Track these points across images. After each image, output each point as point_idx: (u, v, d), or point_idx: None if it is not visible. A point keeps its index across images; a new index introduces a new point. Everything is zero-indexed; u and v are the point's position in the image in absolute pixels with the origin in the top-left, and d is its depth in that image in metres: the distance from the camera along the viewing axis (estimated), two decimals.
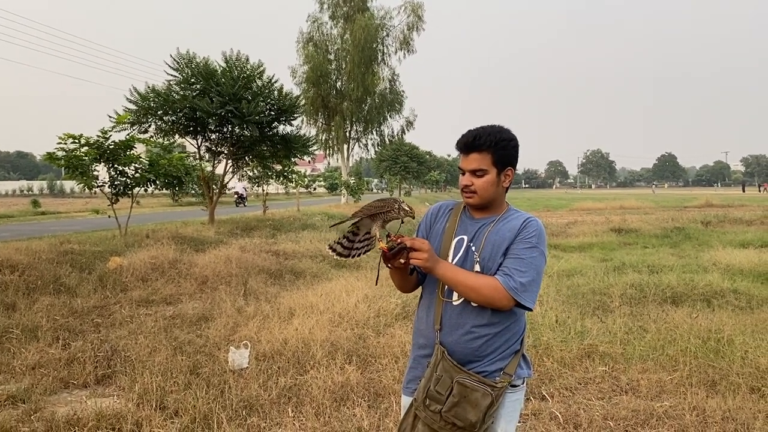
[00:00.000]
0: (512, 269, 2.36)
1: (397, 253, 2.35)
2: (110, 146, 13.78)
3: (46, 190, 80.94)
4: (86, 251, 11.58)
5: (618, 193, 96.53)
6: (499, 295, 2.33)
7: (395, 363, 5.68)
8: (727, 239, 16.23)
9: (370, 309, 7.50)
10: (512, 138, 2.47)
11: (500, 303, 2.34)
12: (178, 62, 18.22)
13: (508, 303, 2.34)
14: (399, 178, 75.29)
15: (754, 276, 10.38)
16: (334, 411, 4.75)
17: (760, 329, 6.60)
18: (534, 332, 6.40)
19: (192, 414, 4.57)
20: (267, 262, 11.75)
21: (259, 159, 21.32)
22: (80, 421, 4.46)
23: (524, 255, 2.38)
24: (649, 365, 5.63)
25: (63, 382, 5.51)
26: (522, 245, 2.39)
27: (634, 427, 4.44)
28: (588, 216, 28.18)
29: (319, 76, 40.73)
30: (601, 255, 14.14)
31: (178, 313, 8.16)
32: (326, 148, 44.52)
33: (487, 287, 2.33)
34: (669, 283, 9.08)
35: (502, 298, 2.33)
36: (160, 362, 5.80)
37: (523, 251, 2.38)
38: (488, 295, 2.33)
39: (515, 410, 2.51)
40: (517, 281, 2.33)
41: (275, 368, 5.69)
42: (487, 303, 2.36)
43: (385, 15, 41.96)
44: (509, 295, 2.32)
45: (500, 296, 2.33)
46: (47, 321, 7.34)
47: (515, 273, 2.34)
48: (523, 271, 2.35)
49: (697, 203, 39.55)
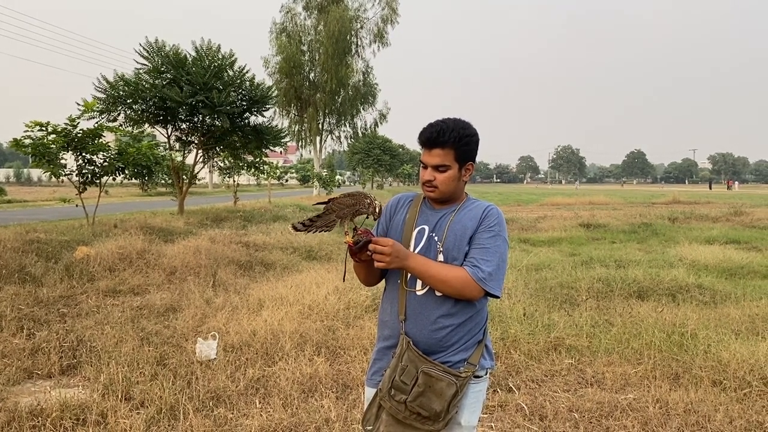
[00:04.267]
0: (479, 259, 2.39)
1: (362, 247, 2.36)
2: (78, 134, 13.60)
3: (13, 178, 79.60)
4: (53, 240, 11.40)
5: (588, 188, 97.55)
6: (468, 286, 2.36)
7: (364, 355, 5.69)
8: (693, 235, 16.47)
9: (340, 301, 7.50)
10: (474, 133, 2.48)
11: (470, 294, 2.38)
12: (148, 50, 17.96)
13: (478, 293, 2.38)
14: (371, 170, 75.30)
15: (719, 272, 10.57)
16: (302, 402, 4.75)
17: (723, 324, 6.73)
18: (502, 325, 6.45)
19: (158, 405, 4.54)
20: (237, 253, 11.68)
21: (230, 149, 21.16)
22: (44, 411, 4.39)
23: (488, 244, 2.41)
24: (614, 358, 5.71)
25: (27, 372, 5.43)
26: (486, 234, 2.43)
27: (599, 418, 4.50)
28: (557, 211, 28.42)
29: (292, 67, 40.58)
30: (569, 249, 14.29)
31: (145, 303, 8.07)
32: (299, 139, 44.43)
33: (456, 279, 2.36)
34: (635, 277, 9.19)
35: (472, 289, 2.36)
36: (126, 353, 5.74)
37: (487, 240, 2.42)
38: (458, 286, 2.36)
39: (478, 401, 2.54)
40: (485, 271, 2.36)
41: (243, 359, 5.66)
42: (458, 294, 2.39)
43: (359, 7, 41.99)
44: (478, 286, 2.35)
45: (469, 287, 2.36)
46: (11, 310, 7.21)
47: (482, 263, 2.38)
48: (489, 260, 2.38)
49: (665, 200, 39.98)
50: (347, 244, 2.38)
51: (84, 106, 15.21)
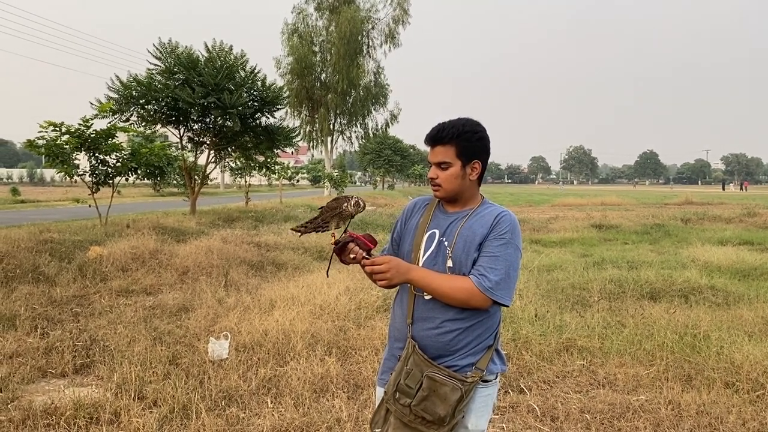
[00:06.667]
0: (486, 268, 2.34)
1: (342, 247, 2.41)
2: (91, 135, 13.69)
3: (26, 178, 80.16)
4: (66, 240, 11.48)
5: (600, 189, 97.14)
6: (474, 297, 2.32)
7: (375, 355, 5.70)
8: (705, 236, 16.37)
9: (351, 301, 7.51)
10: (477, 131, 2.45)
11: (477, 304, 2.34)
12: (161, 51, 18.07)
13: (484, 303, 2.34)
14: (382, 171, 75.32)
15: (732, 273, 10.49)
16: (314, 402, 4.76)
17: (735, 325, 6.69)
18: (513, 326, 6.44)
19: (171, 404, 4.56)
20: (248, 253, 11.72)
21: (241, 150, 21.23)
22: (58, 410, 4.43)
23: (498, 252, 2.36)
24: (626, 359, 5.69)
25: (41, 371, 5.47)
26: (496, 242, 2.38)
27: (611, 420, 4.49)
28: (569, 212, 28.33)
29: (303, 67, 40.63)
30: (581, 250, 14.23)
31: (158, 303, 8.12)
32: (310, 140, 44.46)
33: (461, 290, 2.33)
34: (647, 278, 9.15)
35: (478, 299, 2.33)
36: (139, 352, 5.77)
37: (497, 248, 2.37)
38: (463, 298, 2.33)
39: (487, 405, 2.50)
40: (492, 280, 2.32)
41: (255, 359, 5.68)
42: (465, 305, 2.36)
43: (370, 8, 41.99)
44: (484, 296, 2.32)
45: (476, 298, 2.33)
46: (26, 310, 7.28)
47: (489, 272, 2.33)
48: (497, 269, 2.34)
49: (677, 201, 39.76)
50: (332, 244, 2.43)
51: (99, 107, 15.32)
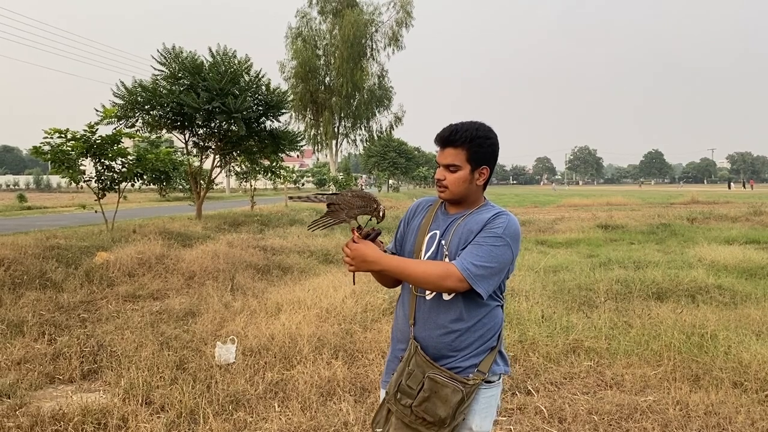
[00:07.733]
0: (468, 252, 2.32)
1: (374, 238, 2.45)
2: (97, 141, 13.73)
3: (33, 184, 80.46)
4: (72, 246, 11.51)
5: (605, 189, 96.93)
6: (450, 276, 2.28)
7: (382, 358, 5.69)
8: (712, 236, 16.31)
9: (357, 304, 7.50)
10: (490, 137, 2.44)
11: (452, 284, 2.29)
12: (165, 57, 18.11)
13: (459, 284, 2.28)
14: (387, 173, 75.35)
15: (739, 272, 10.45)
16: (321, 405, 4.76)
17: (743, 325, 6.67)
18: (520, 327, 6.43)
19: (178, 409, 4.58)
20: (254, 257, 11.73)
21: (246, 154, 21.28)
22: (66, 416, 4.44)
23: (484, 242, 2.33)
24: (633, 360, 5.67)
25: (48, 377, 5.49)
26: (485, 233, 2.36)
27: (618, 421, 4.48)
28: (575, 212, 28.28)
29: (307, 71, 40.77)
30: (587, 251, 14.20)
31: (164, 308, 8.14)
32: (314, 143, 44.60)
33: (436, 267, 2.31)
34: (654, 278, 9.13)
35: (453, 279, 2.27)
36: (146, 357, 5.78)
37: (484, 239, 2.34)
38: (438, 273, 2.29)
39: (491, 406, 2.49)
40: (471, 263, 2.29)
41: (262, 363, 5.69)
42: (439, 286, 2.32)
43: (374, 11, 42.12)
44: (460, 275, 2.27)
45: (452, 278, 2.27)
46: (33, 316, 7.30)
47: (470, 256, 2.31)
48: (480, 255, 2.30)
49: (683, 200, 39.63)
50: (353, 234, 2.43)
51: (104, 113, 15.37)
